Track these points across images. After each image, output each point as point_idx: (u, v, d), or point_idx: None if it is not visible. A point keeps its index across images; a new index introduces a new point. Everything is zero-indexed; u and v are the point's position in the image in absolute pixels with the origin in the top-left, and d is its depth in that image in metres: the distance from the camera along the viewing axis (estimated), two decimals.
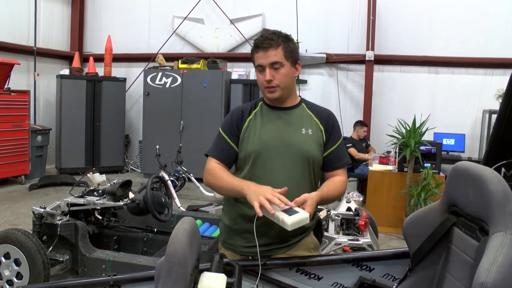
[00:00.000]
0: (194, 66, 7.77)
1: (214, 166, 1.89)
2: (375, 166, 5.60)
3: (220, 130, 1.94)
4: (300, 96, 1.99)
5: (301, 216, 1.60)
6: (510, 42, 6.96)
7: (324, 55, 7.70)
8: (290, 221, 1.57)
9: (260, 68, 1.84)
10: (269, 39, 1.82)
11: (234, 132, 1.90)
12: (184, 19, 8.43)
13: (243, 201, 1.84)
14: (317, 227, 1.98)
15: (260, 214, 1.59)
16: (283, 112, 1.91)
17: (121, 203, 3.48)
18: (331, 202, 1.90)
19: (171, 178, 5.95)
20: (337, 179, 1.91)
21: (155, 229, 3.72)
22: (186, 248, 1.27)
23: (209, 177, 1.89)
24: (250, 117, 1.92)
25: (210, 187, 1.93)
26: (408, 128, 5.07)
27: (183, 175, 6.45)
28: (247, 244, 1.86)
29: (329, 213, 3.68)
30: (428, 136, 5.54)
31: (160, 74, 7.79)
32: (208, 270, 1.48)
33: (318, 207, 2.84)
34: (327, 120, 1.92)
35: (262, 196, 1.61)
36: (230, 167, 1.94)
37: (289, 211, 1.62)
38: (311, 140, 1.86)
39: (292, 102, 1.93)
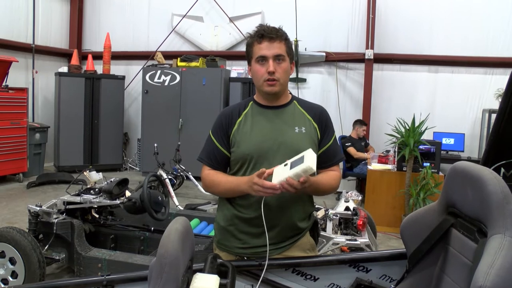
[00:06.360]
0: (193, 64, 7.74)
1: (208, 173, 1.88)
2: (374, 165, 5.57)
3: (211, 134, 1.91)
4: (291, 94, 1.95)
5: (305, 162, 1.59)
6: (510, 41, 6.95)
7: (324, 54, 7.68)
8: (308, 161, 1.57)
9: (261, 60, 1.77)
10: (275, 30, 1.77)
11: (224, 137, 1.87)
12: (183, 16, 8.40)
13: (237, 202, 1.83)
14: (313, 227, 1.95)
15: (278, 191, 1.60)
16: (275, 111, 1.87)
17: (117, 201, 3.46)
18: (323, 194, 1.85)
19: (169, 177, 5.92)
20: (331, 173, 1.88)
21: (152, 228, 3.70)
22: (178, 249, 1.24)
23: (207, 185, 1.89)
24: (240, 118, 1.87)
25: (212, 194, 1.90)
26: (408, 127, 5.05)
27: (181, 173, 6.42)
28: (241, 245, 1.84)
29: (327, 212, 3.66)
30: (427, 136, 5.51)
31: (159, 72, 7.77)
32: (202, 271, 1.46)
33: (316, 206, 2.80)
34: (320, 117, 1.89)
35: (253, 183, 1.62)
36: (225, 169, 1.91)
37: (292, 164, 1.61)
38: (305, 139, 1.82)
39: (285, 100, 1.89)
